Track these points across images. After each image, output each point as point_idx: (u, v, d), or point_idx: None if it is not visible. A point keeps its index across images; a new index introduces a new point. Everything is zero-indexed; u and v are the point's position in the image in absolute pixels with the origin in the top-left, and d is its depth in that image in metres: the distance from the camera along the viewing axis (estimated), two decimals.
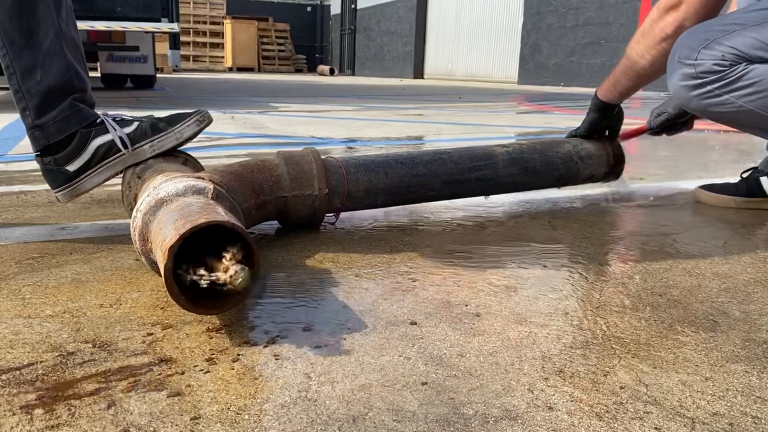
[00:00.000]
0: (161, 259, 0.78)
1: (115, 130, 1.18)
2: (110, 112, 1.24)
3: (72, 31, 1.18)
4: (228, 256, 0.78)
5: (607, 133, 1.58)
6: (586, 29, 9.20)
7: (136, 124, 1.21)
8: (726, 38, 1.21)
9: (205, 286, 0.77)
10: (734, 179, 1.61)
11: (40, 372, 0.69)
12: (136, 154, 1.19)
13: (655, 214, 1.52)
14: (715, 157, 2.57)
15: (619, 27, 8.58)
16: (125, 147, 1.18)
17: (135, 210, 0.94)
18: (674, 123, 1.61)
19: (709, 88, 1.25)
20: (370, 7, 16.66)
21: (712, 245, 1.23)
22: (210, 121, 1.25)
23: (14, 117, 3.54)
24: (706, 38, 1.23)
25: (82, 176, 1.19)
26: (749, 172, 1.56)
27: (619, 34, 8.55)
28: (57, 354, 0.73)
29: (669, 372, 0.71)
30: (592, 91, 1.57)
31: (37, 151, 1.18)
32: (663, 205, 1.60)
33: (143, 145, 1.19)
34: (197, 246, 0.82)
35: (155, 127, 1.20)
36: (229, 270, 0.77)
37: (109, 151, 1.18)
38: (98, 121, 1.19)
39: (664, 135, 1.65)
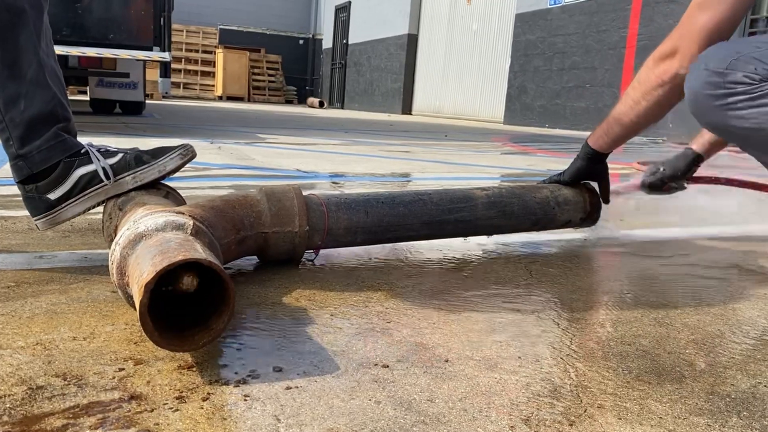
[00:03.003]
0: (137, 294, 0.79)
1: (98, 160, 1.19)
2: (95, 143, 1.25)
3: (52, 62, 1.19)
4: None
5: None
6: (572, 73, 9.39)
7: (120, 155, 1.22)
8: (758, 54, 1.19)
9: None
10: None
11: (8, 406, 0.69)
12: (118, 185, 1.20)
13: (630, 261, 1.55)
14: (697, 205, 2.62)
15: (605, 72, 8.77)
16: (107, 178, 1.19)
17: (114, 243, 0.95)
18: (667, 183, 1.66)
19: (733, 99, 1.23)
20: (361, 43, 16.90)
21: (683, 295, 1.26)
22: (194, 155, 1.27)
23: None
24: (738, 51, 1.22)
25: (62, 205, 1.20)
26: None
27: (604, 79, 8.73)
28: (26, 387, 0.73)
29: (633, 424, 0.72)
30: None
31: (19, 180, 1.19)
32: (638, 253, 1.63)
33: (125, 176, 1.20)
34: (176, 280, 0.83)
35: (139, 159, 1.22)
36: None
37: (91, 181, 1.19)
38: (82, 151, 1.20)
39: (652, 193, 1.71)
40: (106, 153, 1.22)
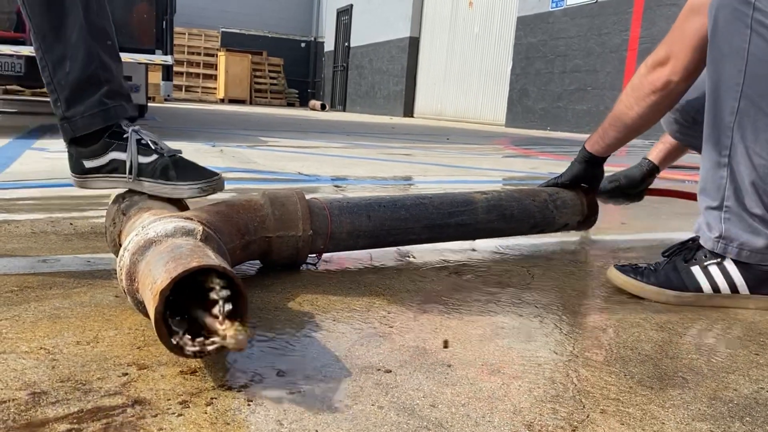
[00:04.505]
0: (151, 301, 0.79)
1: (131, 153, 1.23)
2: (144, 131, 1.26)
3: (104, 23, 1.24)
4: (222, 317, 0.76)
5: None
6: (573, 76, 9.40)
7: (154, 157, 1.24)
8: None
9: (209, 348, 0.76)
10: None
11: (12, 411, 0.69)
12: (137, 184, 1.25)
13: None
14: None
15: (606, 75, 8.77)
16: (130, 172, 1.23)
17: (123, 249, 0.95)
18: (624, 192, 1.69)
19: None
20: (363, 46, 16.93)
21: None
22: (215, 192, 1.27)
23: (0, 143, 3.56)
24: None
25: (91, 175, 1.26)
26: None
27: (606, 81, 8.74)
28: (30, 392, 0.73)
29: (635, 429, 0.73)
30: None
31: (65, 140, 1.25)
32: (641, 257, 1.63)
33: (144, 181, 1.24)
34: (183, 286, 0.82)
35: (165, 172, 1.23)
36: (228, 330, 0.75)
37: (119, 167, 1.24)
38: (125, 135, 1.24)
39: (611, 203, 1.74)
40: (146, 149, 1.25)
